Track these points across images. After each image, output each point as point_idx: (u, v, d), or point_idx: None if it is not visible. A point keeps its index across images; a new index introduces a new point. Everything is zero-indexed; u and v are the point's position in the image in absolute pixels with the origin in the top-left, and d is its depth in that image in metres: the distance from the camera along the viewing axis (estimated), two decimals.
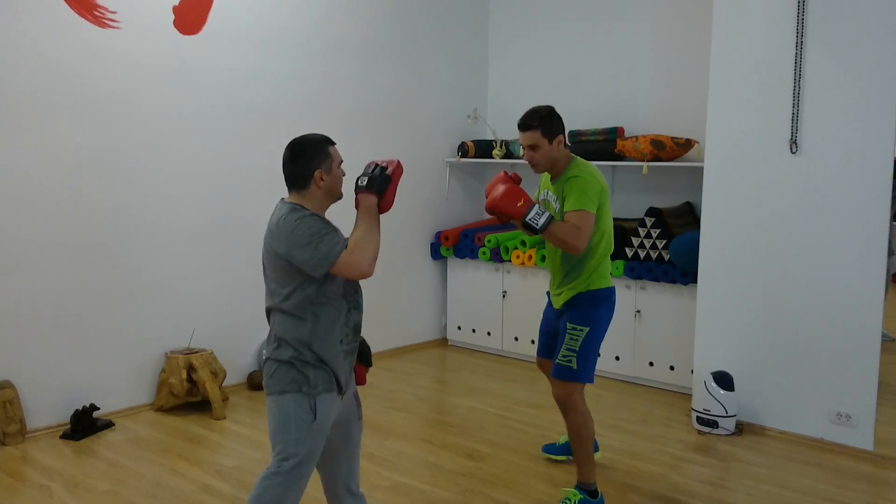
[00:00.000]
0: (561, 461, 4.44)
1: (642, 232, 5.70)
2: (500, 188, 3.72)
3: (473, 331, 6.92)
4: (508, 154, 6.74)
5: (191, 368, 5.08)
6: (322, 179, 3.04)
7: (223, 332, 5.56)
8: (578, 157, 3.89)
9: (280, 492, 2.92)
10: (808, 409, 4.79)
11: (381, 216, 3.09)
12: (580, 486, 3.87)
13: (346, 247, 2.90)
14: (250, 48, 5.57)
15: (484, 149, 6.90)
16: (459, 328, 7.04)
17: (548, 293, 4.13)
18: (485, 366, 6.52)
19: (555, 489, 4.09)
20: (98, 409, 4.89)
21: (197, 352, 5.20)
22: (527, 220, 3.61)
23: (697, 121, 5.36)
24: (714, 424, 4.88)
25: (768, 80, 4.78)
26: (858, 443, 4.63)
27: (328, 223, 2.99)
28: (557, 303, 3.94)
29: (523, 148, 3.87)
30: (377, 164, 3.15)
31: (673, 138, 5.73)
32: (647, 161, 5.78)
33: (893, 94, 4.40)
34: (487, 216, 7.39)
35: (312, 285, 2.91)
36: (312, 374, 2.92)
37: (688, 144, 5.72)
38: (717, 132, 5.03)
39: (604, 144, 6.06)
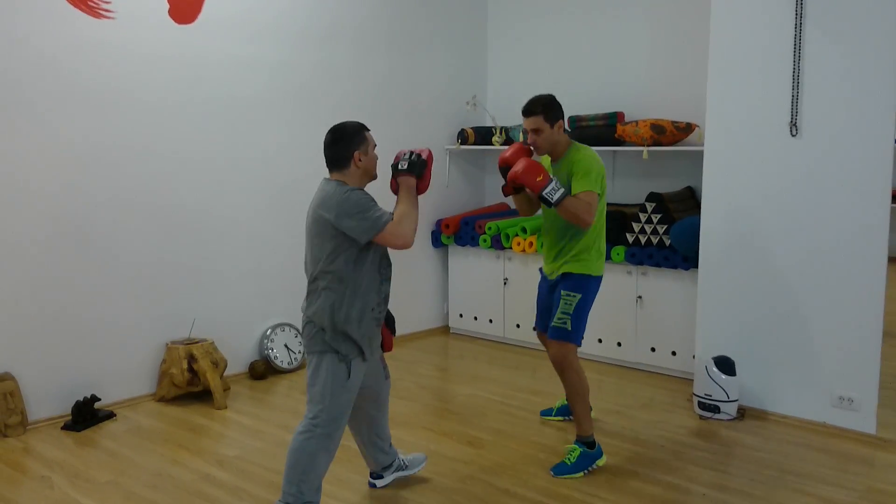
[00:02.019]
0: (558, 421, 4.86)
1: (643, 217, 5.68)
2: (522, 162, 4.07)
3: (475, 318, 6.91)
4: (508, 140, 6.71)
5: (191, 358, 5.07)
6: (360, 160, 3.44)
7: (224, 322, 5.56)
8: (577, 142, 4.26)
9: (315, 445, 3.35)
10: (810, 394, 4.77)
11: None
12: (579, 440, 4.19)
13: (392, 218, 3.34)
14: (245, 36, 5.55)
15: (484, 135, 6.87)
16: (461, 316, 7.03)
17: (541, 269, 4.52)
18: (487, 353, 6.51)
19: (557, 476, 4.09)
20: (99, 399, 4.90)
21: (198, 342, 5.20)
22: (544, 193, 3.98)
23: (698, 105, 5.33)
24: (716, 409, 4.86)
25: (768, 62, 4.75)
26: (861, 426, 4.61)
27: (372, 198, 3.38)
28: (553, 274, 4.32)
29: (524, 133, 4.25)
30: (412, 152, 3.58)
31: (673, 122, 5.70)
32: (648, 146, 5.75)
33: (892, 75, 4.36)
34: (488, 203, 7.39)
35: (352, 257, 3.33)
36: (346, 340, 3.36)
37: (688, 129, 5.69)
38: (717, 116, 5.00)
39: (604, 129, 6.02)
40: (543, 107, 4.14)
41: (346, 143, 3.43)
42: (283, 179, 5.86)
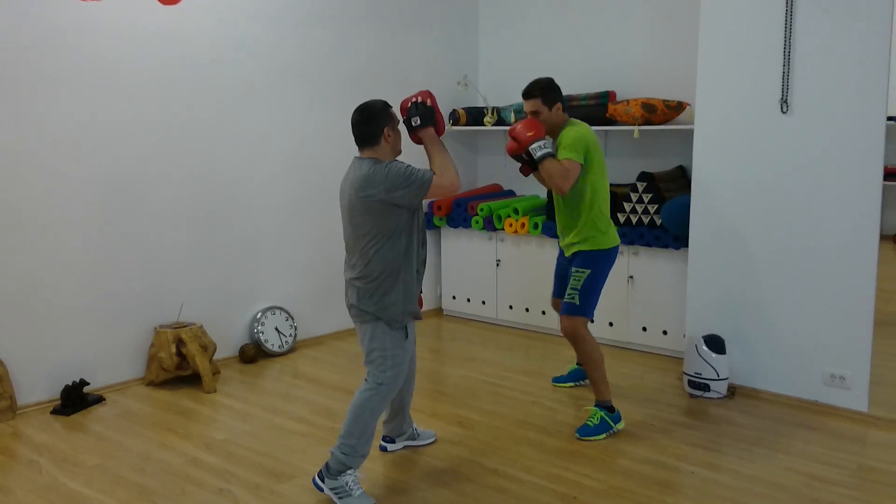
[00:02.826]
0: (569, 387, 5.12)
1: (634, 197, 5.64)
2: (521, 122, 4.32)
3: (468, 300, 6.89)
4: (500, 121, 6.66)
5: (180, 343, 5.05)
6: (389, 136, 3.63)
7: (213, 306, 5.54)
8: (574, 120, 4.47)
9: (378, 402, 3.62)
10: (802, 371, 4.76)
11: None
12: (599, 404, 4.42)
13: (434, 173, 3.55)
14: (233, 16, 5.48)
15: (475, 116, 6.82)
16: (454, 298, 7.01)
17: (559, 245, 4.79)
18: (480, 335, 6.49)
19: (545, 455, 4.08)
20: (88, 384, 4.88)
21: (186, 326, 5.18)
22: (530, 147, 4.22)
23: (689, 83, 5.28)
24: (706, 388, 4.85)
25: (758, 40, 4.70)
26: (853, 404, 4.60)
27: (408, 164, 3.57)
28: (568, 251, 4.58)
29: (515, 114, 4.53)
30: (414, 102, 3.71)
31: (664, 101, 5.66)
32: (639, 125, 5.71)
33: (885, 50, 4.32)
34: (480, 185, 7.36)
35: (398, 226, 3.55)
36: (394, 305, 3.60)
37: (679, 107, 5.65)
38: (708, 94, 4.96)
39: (595, 109, 5.98)
40: (542, 89, 4.36)
41: (375, 121, 3.60)
42: (272, 160, 5.82)
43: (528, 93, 4.39)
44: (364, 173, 3.53)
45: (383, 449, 4.15)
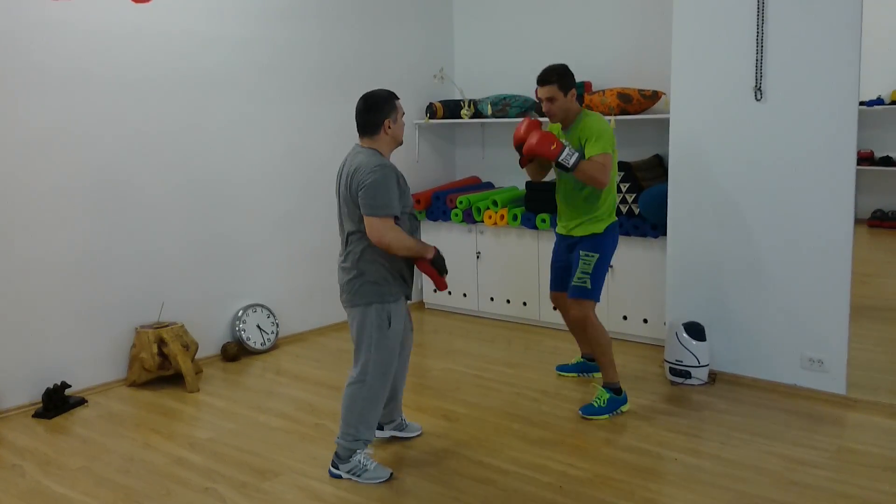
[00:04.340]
0: (572, 378, 5.16)
1: None
2: (535, 135, 4.28)
3: (449, 293, 6.90)
4: (477, 114, 6.67)
5: (161, 342, 5.04)
6: (389, 127, 3.67)
7: (194, 305, 5.52)
8: (588, 110, 4.55)
9: (367, 392, 3.70)
10: (780, 356, 4.81)
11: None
12: (606, 386, 4.54)
13: (392, 221, 3.58)
14: (205, 13, 5.45)
15: (452, 109, 6.83)
16: (435, 291, 7.01)
17: (557, 235, 4.80)
18: (461, 327, 6.51)
19: (529, 446, 4.11)
20: (70, 386, 4.86)
21: (167, 325, 5.16)
22: (559, 160, 4.23)
23: (664, 72, 5.30)
24: (687, 375, 4.90)
25: (731, 28, 4.74)
26: (831, 387, 4.66)
27: (395, 185, 3.60)
28: (573, 234, 4.59)
29: (492, 105, 4.61)
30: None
31: (640, 91, 5.69)
32: (615, 115, 5.73)
33: (856, 37, 4.36)
34: (458, 178, 7.37)
35: None
36: (389, 285, 3.68)
37: (655, 96, 5.68)
38: (682, 83, 4.99)
39: None
40: (558, 75, 4.39)
41: (377, 111, 3.66)
42: (249, 158, 5.80)
43: (545, 79, 4.41)
44: (356, 165, 3.61)
45: None
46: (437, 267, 3.79)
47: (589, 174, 4.25)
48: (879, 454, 3.94)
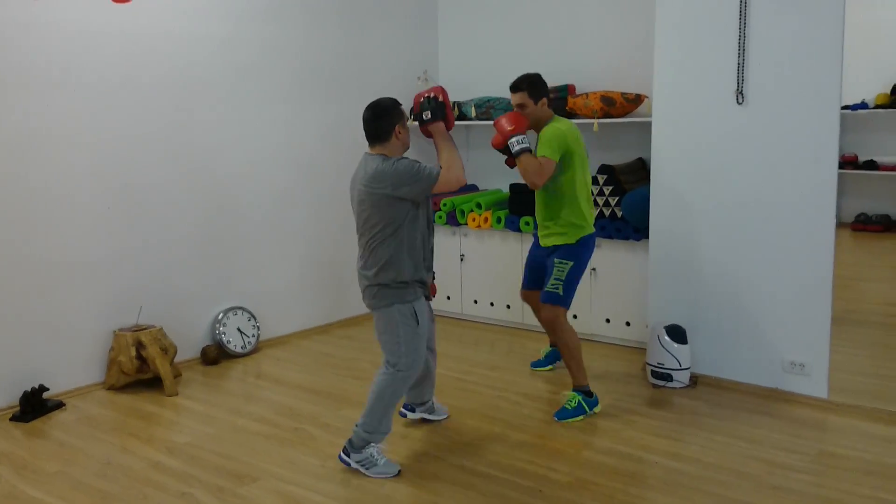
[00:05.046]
0: (548, 371, 5.31)
1: (595, 190, 5.67)
2: (507, 114, 4.44)
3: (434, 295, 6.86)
4: (461, 116, 6.65)
5: (140, 346, 4.99)
6: (400, 133, 3.81)
7: (173, 308, 5.47)
8: (559, 116, 4.61)
9: (399, 385, 3.87)
10: (762, 359, 4.81)
11: None
12: (576, 389, 4.57)
13: (441, 167, 3.74)
14: (186, 12, 5.41)
15: None
16: None
17: (534, 235, 4.88)
18: (444, 330, 6.48)
19: (510, 450, 4.09)
20: (48, 389, 4.80)
21: (146, 328, 5.11)
22: (509, 141, 4.36)
23: (647, 76, 5.30)
24: (668, 378, 4.89)
25: (714, 32, 4.74)
26: (813, 391, 4.66)
27: (416, 160, 3.75)
28: (547, 243, 4.67)
29: (476, 108, 4.70)
30: (426, 97, 3.94)
31: (623, 94, 5.69)
32: (598, 118, 5.73)
33: (838, 41, 4.37)
34: None
35: (407, 218, 3.72)
36: (409, 288, 3.81)
37: (637, 100, 5.68)
38: (664, 86, 5.00)
39: (555, 102, 5.94)
40: (529, 84, 4.51)
41: (387, 118, 3.78)
42: (229, 160, 5.76)
43: (516, 86, 4.53)
44: (373, 170, 3.70)
45: (403, 415, 4.44)
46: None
47: (523, 167, 4.35)
48: (860, 458, 3.94)
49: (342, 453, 3.89)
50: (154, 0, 5.21)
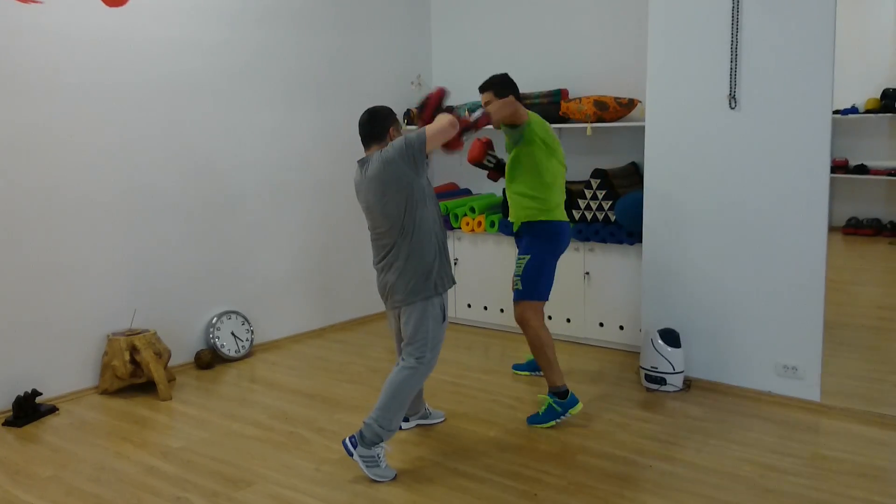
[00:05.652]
0: (525, 376, 5.33)
1: (588, 194, 5.69)
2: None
3: None
4: None
5: (133, 350, 4.98)
6: (392, 135, 3.96)
7: (167, 312, 5.46)
8: (531, 112, 4.61)
9: (418, 380, 3.95)
10: (755, 363, 4.83)
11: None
12: (550, 391, 4.52)
13: (424, 132, 3.83)
14: (180, 17, 5.41)
15: None
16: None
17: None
18: None
19: (505, 454, 4.10)
20: (41, 394, 4.79)
21: (139, 332, 5.11)
22: (469, 123, 4.20)
23: (640, 80, 5.33)
24: (662, 381, 4.90)
25: (706, 37, 4.76)
26: (805, 394, 4.68)
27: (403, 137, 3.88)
28: (514, 219, 4.71)
29: (468, 111, 4.54)
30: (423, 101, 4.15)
31: (616, 98, 5.71)
32: (591, 122, 5.75)
33: (829, 45, 4.39)
34: (436, 184, 7.36)
35: (416, 216, 3.82)
36: (437, 278, 3.91)
37: (630, 104, 5.70)
38: (657, 91, 5.02)
39: (548, 107, 6.01)
40: (493, 84, 4.58)
41: (382, 120, 3.97)
42: (222, 164, 5.76)
43: (483, 86, 4.61)
44: (379, 159, 3.81)
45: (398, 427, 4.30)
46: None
47: (494, 110, 4.34)
48: (853, 461, 3.96)
49: (348, 441, 3.88)
50: (148, 4, 5.22)
